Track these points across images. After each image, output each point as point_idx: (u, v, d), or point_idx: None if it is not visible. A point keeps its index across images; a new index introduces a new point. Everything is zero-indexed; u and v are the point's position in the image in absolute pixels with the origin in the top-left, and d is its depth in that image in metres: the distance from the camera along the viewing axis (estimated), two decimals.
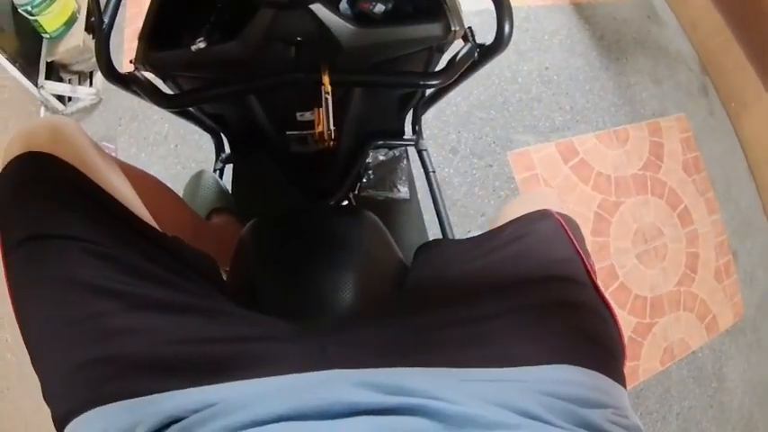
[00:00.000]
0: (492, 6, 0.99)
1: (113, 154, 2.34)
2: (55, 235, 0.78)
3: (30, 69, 2.42)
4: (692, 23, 3.29)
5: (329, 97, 1.01)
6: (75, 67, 2.66)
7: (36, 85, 2.42)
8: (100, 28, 0.99)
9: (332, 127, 1.05)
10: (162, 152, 2.47)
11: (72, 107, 2.60)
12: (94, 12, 0.97)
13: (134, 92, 1.06)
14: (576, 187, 2.53)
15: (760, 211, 2.87)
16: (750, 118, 2.98)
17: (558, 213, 0.97)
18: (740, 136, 3.05)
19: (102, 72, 1.03)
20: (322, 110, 1.03)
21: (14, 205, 0.82)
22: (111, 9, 1.01)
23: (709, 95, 3.12)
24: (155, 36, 1.02)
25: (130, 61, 1.04)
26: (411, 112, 1.52)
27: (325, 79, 0.99)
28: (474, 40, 1.06)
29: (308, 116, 1.12)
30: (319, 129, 1.06)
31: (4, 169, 0.84)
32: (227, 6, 1.01)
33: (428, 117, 1.80)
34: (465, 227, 2.29)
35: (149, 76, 1.07)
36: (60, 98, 2.55)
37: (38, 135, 0.86)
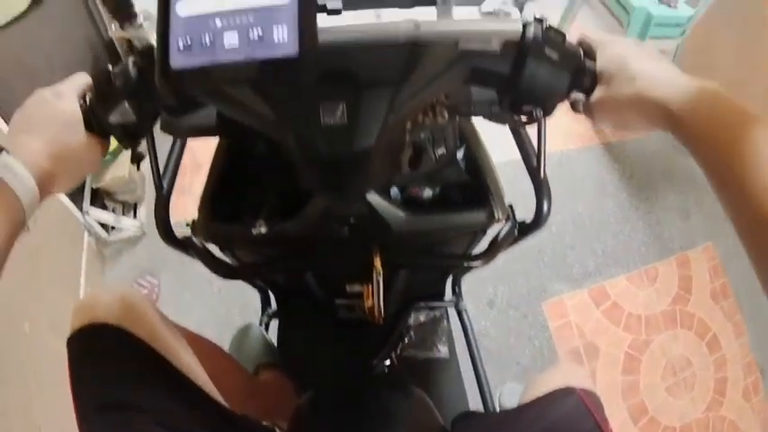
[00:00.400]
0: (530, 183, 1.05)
1: (156, 289, 2.48)
2: (130, 406, 0.86)
3: (75, 194, 2.47)
4: None
5: (380, 278, 1.06)
6: (120, 197, 2.72)
7: (81, 210, 2.47)
8: (159, 192, 1.01)
9: (381, 304, 1.10)
10: (206, 294, 2.53)
11: (115, 236, 2.66)
12: (154, 176, 0.98)
13: (190, 255, 1.07)
14: (607, 330, 2.60)
15: None
16: None
17: (580, 390, 1.02)
18: None
19: (159, 234, 1.04)
20: (372, 287, 1.08)
21: (90, 374, 0.90)
22: (170, 174, 1.05)
23: None
24: (217, 210, 1.07)
25: (186, 224, 1.07)
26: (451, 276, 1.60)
27: (377, 261, 1.05)
28: (514, 218, 1.11)
29: (357, 288, 1.17)
30: (368, 303, 1.12)
31: (78, 332, 0.94)
32: (286, 189, 1.05)
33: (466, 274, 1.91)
34: (501, 376, 2.36)
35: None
36: (104, 226, 2.60)
37: (112, 307, 0.95)
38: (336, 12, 0.60)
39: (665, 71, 0.71)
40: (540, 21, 0.78)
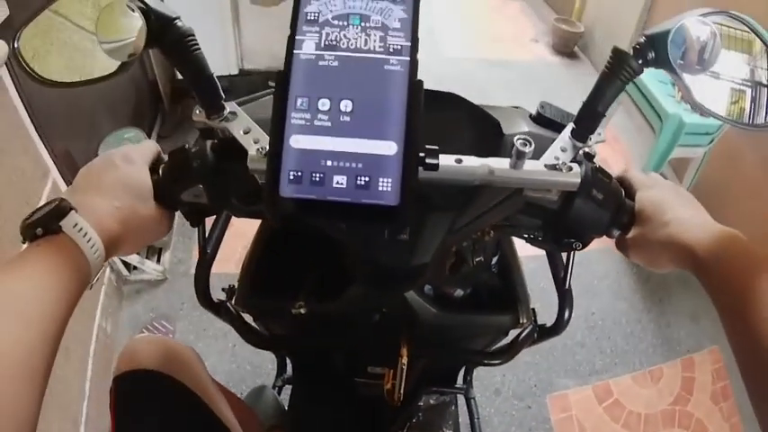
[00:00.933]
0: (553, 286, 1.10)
1: (170, 335, 2.50)
2: None
3: None
4: None
5: (405, 367, 1.09)
6: None
7: None
8: (203, 257, 1.03)
9: (401, 388, 1.13)
10: (219, 347, 2.55)
11: (136, 276, 2.70)
12: (199, 240, 1.00)
13: (223, 320, 1.10)
14: (607, 426, 2.61)
15: None
16: None
17: None
18: None
19: (197, 298, 1.06)
20: (396, 372, 1.11)
21: (134, 419, 0.98)
22: (215, 241, 1.06)
23: None
24: (257, 283, 1.10)
25: (222, 289, 1.10)
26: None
27: (404, 351, 1.08)
28: (536, 321, 1.15)
29: (378, 370, 1.21)
30: (388, 386, 1.15)
31: (124, 375, 1.01)
32: (326, 273, 1.07)
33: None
34: None
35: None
36: (126, 264, 2.63)
37: (158, 354, 1.02)
38: (434, 167, 0.65)
39: (695, 218, 0.78)
40: (590, 158, 0.85)
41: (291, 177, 0.57)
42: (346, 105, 0.58)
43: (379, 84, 0.58)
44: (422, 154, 0.64)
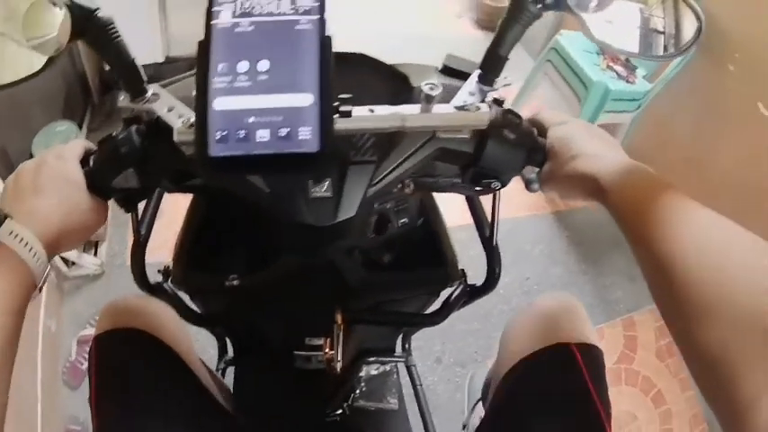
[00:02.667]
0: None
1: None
2: (157, 412, 0.99)
3: None
4: None
5: (340, 332, 1.13)
6: None
7: None
8: (137, 239, 1.05)
9: (340, 356, 1.15)
10: None
11: (75, 272, 2.67)
12: (133, 223, 1.02)
13: (162, 300, 1.13)
14: None
15: None
16: None
17: (575, 345, 1.06)
18: None
19: (135, 280, 1.09)
20: (332, 341, 1.14)
21: (121, 376, 1.01)
22: (148, 223, 1.08)
23: None
24: (191, 260, 1.12)
25: (158, 270, 1.13)
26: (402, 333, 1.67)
27: (338, 317, 1.12)
28: (466, 281, 1.20)
29: (316, 341, 1.21)
30: (327, 356, 1.16)
31: (107, 333, 1.04)
32: (258, 245, 1.12)
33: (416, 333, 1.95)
34: (448, 428, 2.31)
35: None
36: (65, 261, 2.59)
37: (139, 312, 1.07)
38: (347, 114, 0.72)
39: (603, 151, 0.82)
40: (499, 103, 0.89)
41: (218, 137, 0.60)
42: (263, 65, 0.62)
43: (292, 42, 0.62)
44: (336, 103, 0.70)
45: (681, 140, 3.31)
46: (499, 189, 0.94)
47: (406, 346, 1.84)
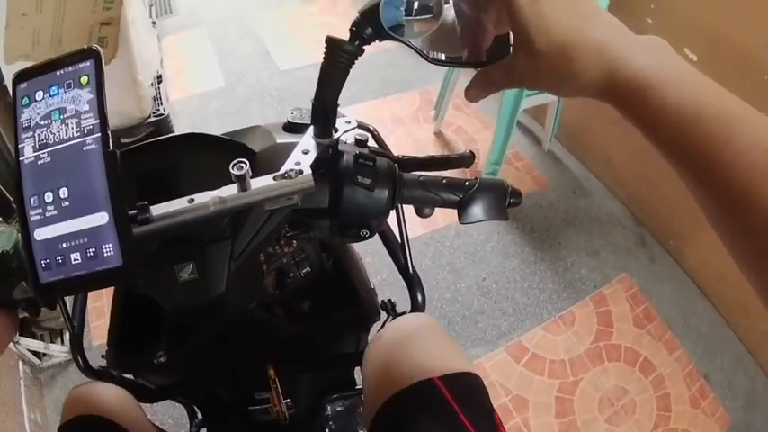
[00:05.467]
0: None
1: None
2: None
3: None
4: (619, 182, 3.50)
5: (277, 385, 1.14)
6: (46, 324, 2.72)
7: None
8: (72, 332, 1.09)
9: (284, 408, 1.17)
10: None
11: (48, 362, 2.68)
12: (64, 318, 1.07)
13: (111, 383, 1.12)
14: (532, 381, 2.66)
15: (723, 325, 2.94)
16: (692, 247, 3.10)
17: (439, 378, 0.94)
18: (686, 268, 3.15)
19: (81, 371, 1.11)
20: (273, 393, 1.15)
21: None
22: (78, 314, 1.12)
23: (647, 244, 3.29)
24: (122, 343, 1.11)
25: (102, 356, 1.13)
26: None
27: (271, 372, 1.13)
28: (395, 310, 1.20)
29: (264, 394, 1.22)
30: (276, 408, 1.18)
31: (71, 422, 1.02)
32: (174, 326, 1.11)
33: None
34: None
35: None
36: (36, 353, 2.62)
37: (103, 400, 1.06)
38: (146, 221, 0.74)
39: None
40: (362, 143, 0.91)
41: (43, 266, 0.66)
42: (63, 192, 0.67)
43: (82, 165, 0.67)
44: (134, 211, 0.73)
45: (611, 108, 3.29)
46: (367, 237, 0.93)
47: None
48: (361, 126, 1.01)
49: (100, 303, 2.80)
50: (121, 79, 3.02)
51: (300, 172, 0.83)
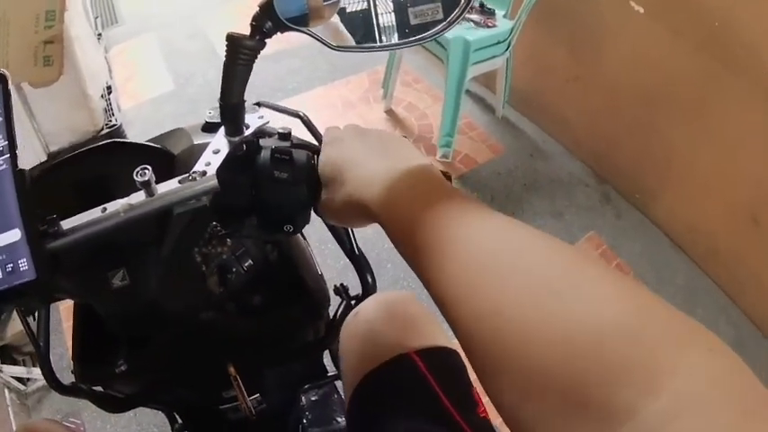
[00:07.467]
0: None
1: (81, 428, 2.56)
2: None
3: None
4: (577, 142, 3.52)
5: (239, 382, 1.13)
6: (26, 349, 2.74)
7: None
8: (38, 350, 1.07)
9: (249, 403, 1.17)
10: (124, 422, 2.58)
11: (32, 386, 2.69)
12: (29, 337, 1.05)
13: (81, 398, 1.12)
14: None
15: (701, 275, 2.97)
16: (660, 199, 3.11)
17: (416, 353, 0.95)
18: (656, 221, 3.18)
19: (52, 388, 1.10)
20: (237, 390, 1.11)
21: None
22: (43, 333, 1.10)
23: (612, 200, 3.33)
24: (85, 356, 1.11)
25: (71, 371, 1.11)
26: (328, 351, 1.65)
27: (231, 370, 1.13)
28: (348, 295, 1.19)
29: (231, 393, 1.22)
30: (242, 405, 1.20)
31: None
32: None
33: None
34: None
35: None
36: (20, 380, 2.61)
37: None
38: (57, 235, 0.75)
39: (373, 169, 0.69)
40: (285, 137, 0.90)
41: None
42: None
43: None
44: (44, 226, 0.75)
45: (563, 62, 3.35)
46: (293, 233, 0.92)
47: (337, 363, 1.83)
48: (288, 113, 1.02)
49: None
50: (70, 95, 3.04)
51: (204, 173, 0.84)
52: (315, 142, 0.96)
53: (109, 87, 3.56)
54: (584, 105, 3.27)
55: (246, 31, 0.78)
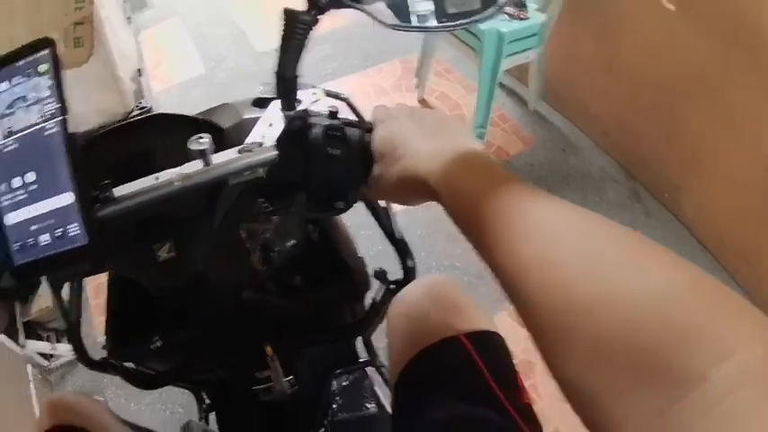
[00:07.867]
0: None
1: (106, 406, 2.58)
2: None
3: (10, 331, 2.44)
4: (602, 132, 3.46)
5: (276, 363, 1.15)
6: (51, 325, 2.73)
7: (18, 343, 2.46)
8: (69, 323, 1.06)
9: (284, 384, 1.18)
10: (149, 400, 2.54)
11: (56, 362, 2.67)
12: (60, 310, 1.03)
13: (111, 374, 1.13)
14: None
15: (727, 279, 2.85)
16: (688, 197, 3.04)
17: (464, 335, 0.96)
18: (684, 220, 3.10)
19: (82, 363, 1.09)
20: (272, 371, 1.16)
21: None
22: (75, 307, 1.08)
23: (642, 198, 3.26)
24: (119, 331, 1.11)
25: (102, 347, 1.11)
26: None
27: (269, 350, 1.13)
28: (387, 279, 1.17)
29: (265, 373, 1.22)
30: (276, 386, 1.19)
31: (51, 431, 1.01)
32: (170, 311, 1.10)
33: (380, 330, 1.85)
34: None
35: None
36: (44, 354, 2.61)
37: (76, 410, 1.07)
38: (108, 200, 0.75)
39: (433, 142, 0.71)
40: (333, 115, 0.89)
41: (17, 248, 0.68)
42: (30, 176, 0.69)
43: (45, 149, 0.69)
44: (96, 192, 0.74)
45: (593, 55, 3.30)
46: (344, 209, 0.91)
47: (370, 348, 1.81)
48: (331, 95, 1.00)
49: (104, 299, 2.80)
50: (101, 76, 3.04)
51: (260, 144, 0.83)
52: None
53: (139, 70, 3.58)
54: (608, 99, 3.23)
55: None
